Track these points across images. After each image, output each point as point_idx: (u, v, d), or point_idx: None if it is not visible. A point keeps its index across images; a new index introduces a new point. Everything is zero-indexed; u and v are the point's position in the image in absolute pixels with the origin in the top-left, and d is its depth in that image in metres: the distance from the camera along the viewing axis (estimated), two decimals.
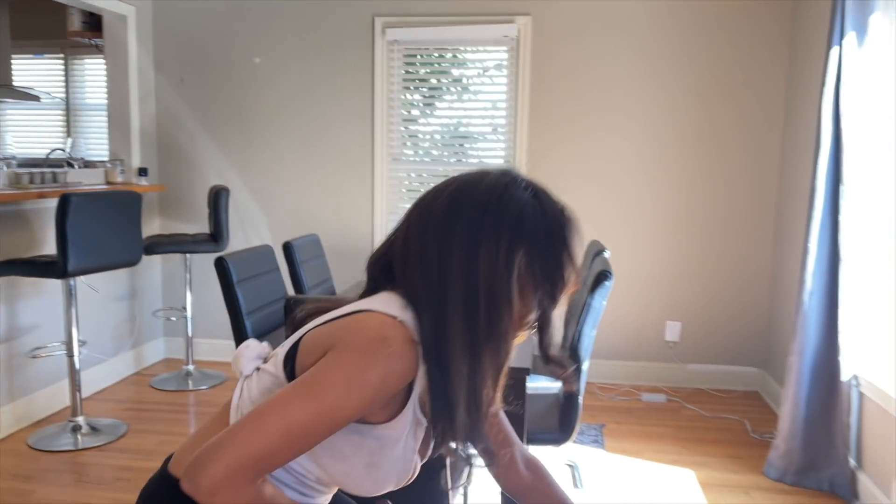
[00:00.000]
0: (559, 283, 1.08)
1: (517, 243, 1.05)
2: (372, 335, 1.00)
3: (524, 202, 1.07)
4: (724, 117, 4.06)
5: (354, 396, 0.97)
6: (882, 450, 2.65)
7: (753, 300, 4.15)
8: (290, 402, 0.97)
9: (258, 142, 4.45)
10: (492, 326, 1.04)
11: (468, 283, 1.03)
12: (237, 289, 2.31)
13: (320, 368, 0.99)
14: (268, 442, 0.95)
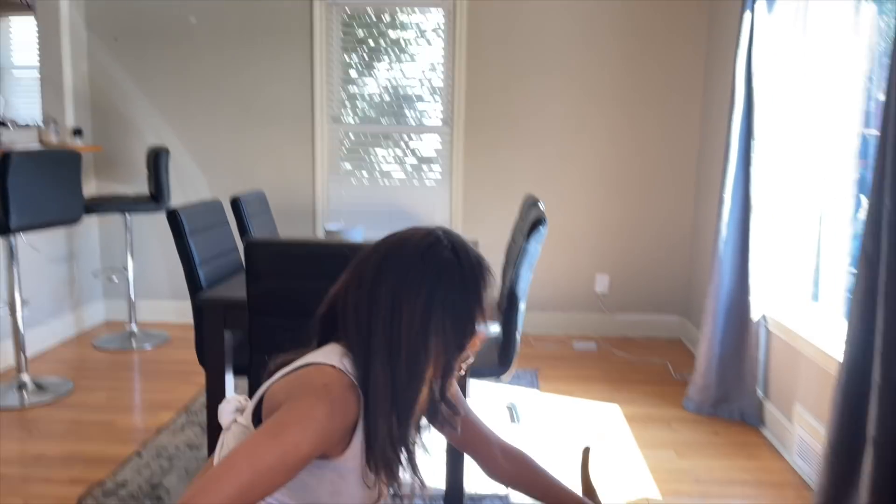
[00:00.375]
0: (469, 334, 1.25)
1: (434, 299, 1.21)
2: (316, 385, 1.17)
3: (444, 260, 1.23)
4: (648, 78, 4.29)
5: (308, 435, 1.12)
6: (785, 380, 2.95)
7: (676, 253, 4.44)
8: (255, 446, 1.10)
9: (196, 102, 4.45)
10: (410, 372, 1.21)
11: (392, 335, 1.20)
12: (189, 240, 2.39)
13: (277, 416, 1.14)
14: (240, 483, 1.07)
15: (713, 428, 3.15)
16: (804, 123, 3.03)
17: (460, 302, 1.23)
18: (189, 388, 3.51)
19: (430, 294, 1.21)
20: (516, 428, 3.09)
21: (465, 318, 1.24)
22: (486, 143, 4.41)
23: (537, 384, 3.64)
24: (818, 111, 2.97)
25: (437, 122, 4.45)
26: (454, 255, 1.24)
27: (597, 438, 3.01)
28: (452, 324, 1.22)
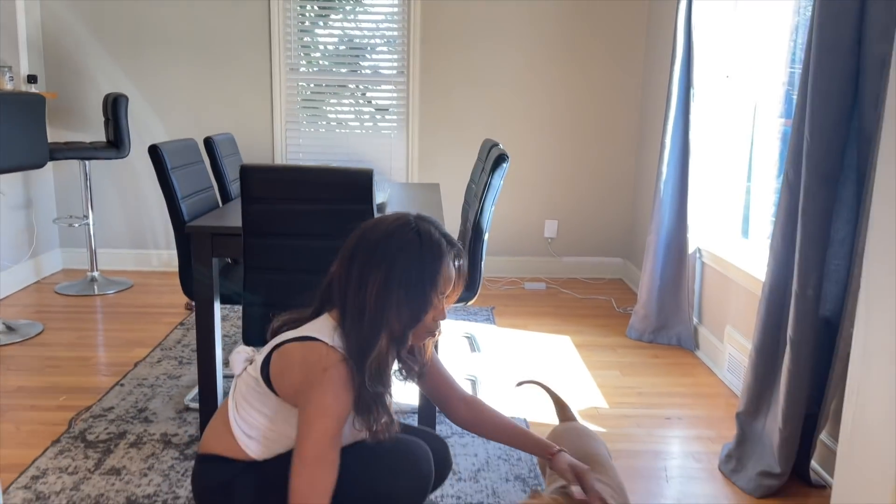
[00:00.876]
0: (424, 306, 1.46)
1: (393, 274, 1.42)
2: (318, 373, 1.42)
3: (406, 241, 1.44)
4: (594, 32, 4.51)
5: (331, 418, 1.42)
6: (717, 306, 3.27)
7: (619, 200, 4.73)
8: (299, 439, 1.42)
9: (152, 50, 4.46)
10: (371, 334, 1.43)
11: (358, 303, 1.43)
12: (171, 175, 2.51)
13: (304, 415, 1.43)
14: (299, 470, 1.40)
15: (653, 352, 3.46)
16: (738, 74, 3.30)
17: (416, 279, 1.44)
18: (159, 327, 3.63)
19: (389, 269, 1.43)
20: (476, 357, 3.34)
21: (420, 293, 1.45)
22: (440, 92, 4.57)
23: (493, 320, 3.89)
24: (750, 62, 3.25)
25: (393, 72, 4.59)
26: (416, 237, 1.45)
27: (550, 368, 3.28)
28: (406, 296, 1.43)
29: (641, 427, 2.68)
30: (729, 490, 2.27)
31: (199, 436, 2.48)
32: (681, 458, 2.45)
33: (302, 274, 2.02)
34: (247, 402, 1.54)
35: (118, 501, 2.09)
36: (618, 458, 2.42)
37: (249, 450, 1.54)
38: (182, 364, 3.14)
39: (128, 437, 2.47)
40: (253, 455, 1.54)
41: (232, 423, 1.55)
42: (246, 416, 1.54)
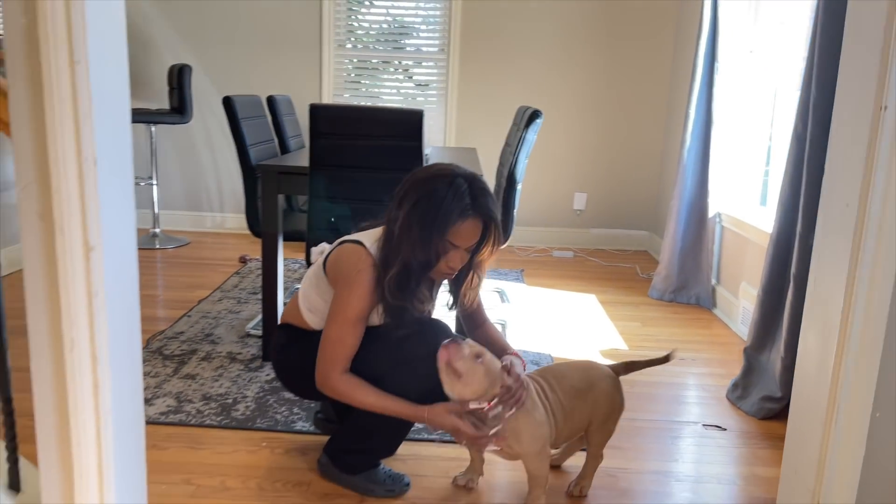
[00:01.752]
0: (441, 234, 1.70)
1: (418, 204, 1.70)
2: (358, 269, 1.74)
3: (441, 185, 1.70)
4: (625, 13, 4.75)
5: (360, 301, 1.75)
6: (734, 266, 3.50)
7: (646, 174, 4.97)
8: (333, 322, 1.76)
9: (211, 26, 4.81)
10: (396, 251, 1.72)
11: (390, 229, 1.74)
12: (241, 123, 2.83)
13: (336, 303, 1.77)
14: (330, 348, 1.76)
15: (673, 309, 3.71)
16: (761, 49, 3.53)
17: (429, 224, 1.69)
18: (217, 275, 3.97)
19: (414, 208, 1.71)
20: (506, 306, 3.61)
21: (427, 237, 1.69)
22: (478, 70, 4.85)
23: (523, 280, 4.16)
24: (773, 39, 3.47)
25: (434, 50, 4.88)
26: (447, 188, 1.70)
27: None
28: (419, 236, 1.69)
29: None
30: (734, 412, 2.52)
31: (260, 355, 2.80)
32: (693, 389, 2.70)
33: (359, 202, 2.32)
34: (312, 286, 1.89)
35: (195, 397, 2.41)
36: (635, 387, 2.68)
37: (310, 320, 1.90)
38: (240, 303, 3.46)
39: (198, 353, 2.80)
40: (312, 325, 1.90)
41: (300, 300, 1.92)
42: (309, 295, 1.90)
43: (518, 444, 1.76)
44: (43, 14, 1.13)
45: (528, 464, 1.81)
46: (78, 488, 1.29)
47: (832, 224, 1.25)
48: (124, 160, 1.29)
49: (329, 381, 1.77)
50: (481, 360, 1.71)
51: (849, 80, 1.20)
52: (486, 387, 1.71)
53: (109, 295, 1.26)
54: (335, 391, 1.78)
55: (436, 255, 1.74)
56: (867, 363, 1.20)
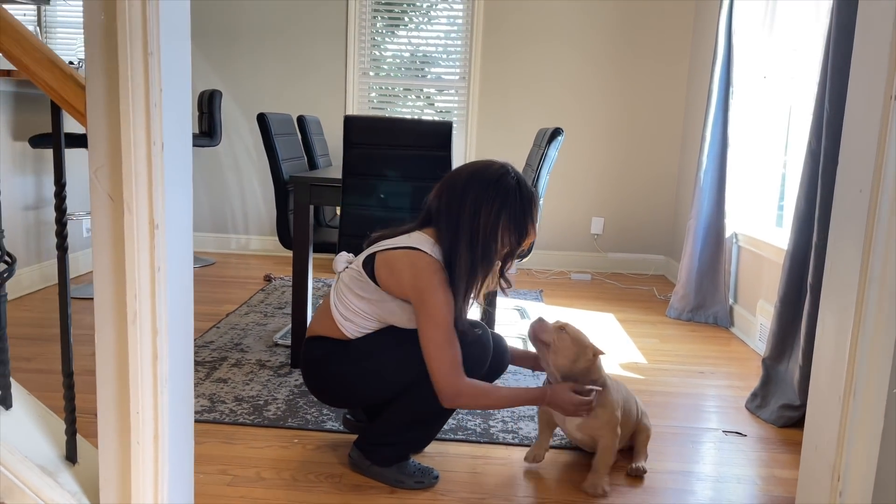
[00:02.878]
0: (524, 235, 1.89)
1: (503, 209, 1.83)
2: (432, 276, 1.82)
3: (511, 185, 1.86)
4: (641, 40, 4.89)
5: (447, 310, 1.83)
6: (751, 285, 3.56)
7: (663, 199, 5.06)
8: (429, 332, 1.82)
9: (240, 53, 4.99)
10: (485, 254, 1.85)
11: (472, 229, 1.83)
12: (275, 139, 2.95)
13: (426, 308, 1.82)
14: (439, 356, 1.82)
15: (691, 328, 3.76)
16: (774, 75, 3.64)
17: (520, 215, 1.88)
18: (243, 292, 4.07)
19: (501, 206, 1.86)
20: (526, 321, 3.68)
21: (522, 225, 1.88)
22: (497, 94, 4.99)
23: (542, 300, 4.23)
24: (787, 64, 3.58)
25: (455, 78, 5.03)
26: (517, 185, 1.88)
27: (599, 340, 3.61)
28: (514, 227, 1.88)
29: (677, 377, 2.98)
30: (754, 420, 2.56)
31: (289, 363, 2.88)
32: (712, 399, 2.75)
33: (390, 210, 2.42)
34: (349, 290, 1.93)
35: (228, 398, 2.49)
36: (655, 396, 2.73)
37: (345, 329, 1.93)
38: (267, 316, 3.56)
39: (229, 360, 2.88)
40: (347, 333, 1.93)
41: (333, 309, 1.95)
42: (346, 301, 1.93)
43: (603, 413, 1.98)
44: (121, 10, 1.25)
45: (604, 439, 1.99)
46: (135, 453, 1.37)
47: (847, 209, 1.33)
48: (186, 146, 1.39)
49: (459, 388, 1.83)
50: (565, 330, 1.98)
51: (861, 72, 1.29)
52: (577, 352, 1.97)
53: (170, 271, 1.35)
54: (467, 396, 1.85)
55: (524, 238, 1.90)
56: (883, 340, 1.27)
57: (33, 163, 3.82)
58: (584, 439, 2.08)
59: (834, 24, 2.44)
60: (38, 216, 3.87)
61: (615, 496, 1.99)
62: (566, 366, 1.97)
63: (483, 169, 1.89)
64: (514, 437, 2.30)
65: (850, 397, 1.30)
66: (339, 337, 1.94)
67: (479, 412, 2.49)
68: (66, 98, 1.33)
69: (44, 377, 2.63)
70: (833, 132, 2.41)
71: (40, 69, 1.33)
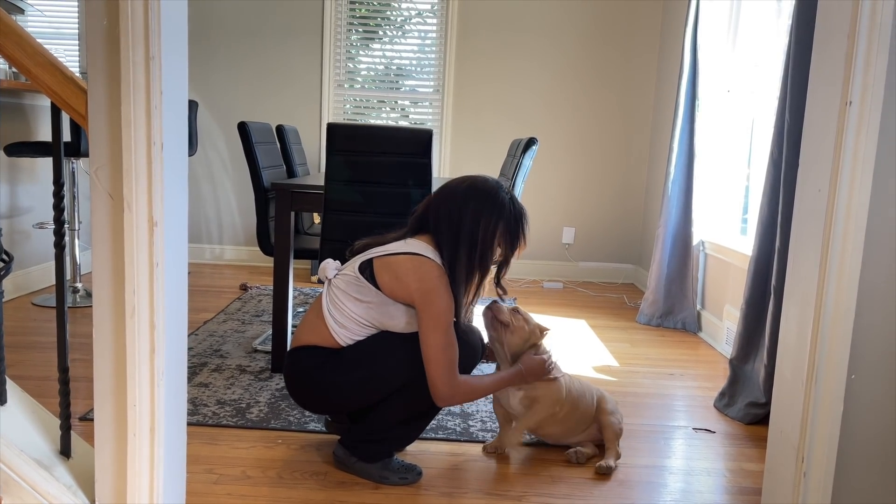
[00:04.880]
0: (517, 245, 2.04)
1: (500, 220, 1.97)
2: (436, 280, 1.91)
3: (506, 199, 2.01)
4: (610, 53, 5.04)
5: (448, 312, 1.93)
6: (717, 291, 3.69)
7: (631, 209, 5.19)
8: (434, 334, 1.91)
9: (216, 64, 5.02)
10: (482, 261, 1.98)
11: (473, 237, 1.95)
12: (255, 147, 3.00)
13: (432, 312, 1.91)
14: (441, 357, 1.91)
15: (660, 333, 3.87)
16: (738, 89, 3.79)
17: (514, 226, 2.02)
18: (220, 300, 4.08)
19: (499, 217, 1.99)
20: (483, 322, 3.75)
21: (516, 236, 2.03)
22: (471, 109, 5.09)
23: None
24: (749, 79, 3.73)
25: (429, 90, 5.12)
26: (511, 200, 2.03)
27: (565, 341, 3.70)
28: (509, 237, 2.02)
29: (648, 379, 3.08)
30: (722, 418, 2.66)
31: (269, 368, 2.91)
32: (681, 399, 2.85)
33: (371, 215, 2.48)
34: (346, 295, 1.96)
35: (210, 402, 2.52)
36: (627, 397, 2.82)
37: (338, 336, 1.96)
38: (245, 323, 3.58)
39: (209, 366, 2.90)
40: (339, 341, 1.96)
41: (326, 315, 1.97)
42: (342, 307, 1.96)
43: (542, 385, 2.16)
44: (124, 15, 1.30)
45: (538, 405, 2.15)
46: (131, 445, 1.41)
47: (807, 208, 1.43)
48: (182, 146, 1.45)
49: (455, 389, 1.94)
50: (518, 312, 2.16)
51: (818, 79, 1.39)
52: (529, 333, 2.14)
53: (168, 267, 1.40)
54: (461, 394, 1.98)
55: (517, 248, 2.04)
56: (841, 328, 1.36)
57: (7, 172, 3.81)
58: (525, 414, 2.19)
59: (793, 40, 2.58)
60: (12, 225, 3.85)
61: (592, 489, 2.07)
62: (518, 345, 2.15)
63: (481, 183, 2.03)
64: (492, 436, 2.36)
65: (812, 383, 1.39)
66: (330, 345, 1.96)
67: (458, 411, 2.55)
68: (68, 100, 1.38)
69: (23, 383, 2.62)
70: (793, 141, 2.53)
71: (42, 72, 1.37)
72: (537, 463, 2.21)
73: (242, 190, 5.11)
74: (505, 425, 2.25)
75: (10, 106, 3.82)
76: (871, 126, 1.29)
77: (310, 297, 4.28)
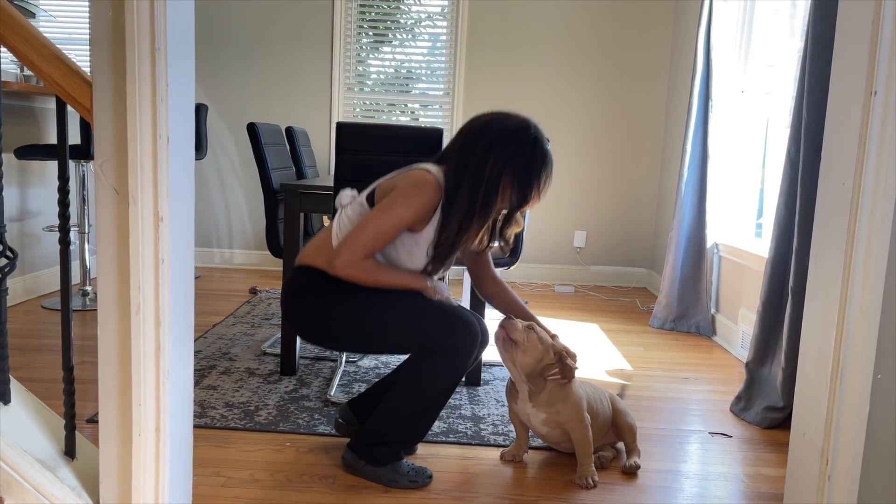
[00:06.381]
0: (527, 195, 1.86)
1: (511, 161, 1.82)
2: (416, 178, 1.83)
3: (526, 140, 1.85)
4: (622, 55, 5.00)
5: (408, 211, 1.81)
6: (732, 294, 3.63)
7: (644, 213, 5.14)
8: (376, 217, 1.82)
9: (227, 69, 5.02)
10: (484, 203, 1.83)
11: (478, 172, 1.83)
12: (264, 148, 2.98)
13: (391, 197, 1.83)
14: (367, 238, 1.82)
15: (674, 337, 3.82)
16: (752, 90, 3.74)
17: (526, 172, 1.84)
18: (229, 304, 4.06)
19: (510, 157, 1.84)
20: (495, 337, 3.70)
21: (527, 184, 1.85)
22: (482, 111, 5.04)
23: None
24: (763, 80, 3.68)
25: (439, 94, 5.09)
26: (533, 142, 1.86)
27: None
28: (517, 183, 1.85)
29: (662, 383, 3.03)
30: (738, 423, 2.61)
31: (278, 370, 2.88)
32: (696, 404, 2.79)
33: None
34: (350, 221, 1.93)
35: (218, 404, 2.49)
36: (641, 401, 2.77)
37: None
38: (254, 326, 3.55)
39: (218, 368, 2.88)
40: None
41: (333, 238, 1.94)
42: (345, 232, 1.92)
43: (565, 409, 2.01)
44: (130, 7, 1.28)
45: (575, 431, 2.03)
46: (136, 445, 1.38)
47: (830, 201, 1.38)
48: (188, 140, 1.42)
49: (353, 265, 1.81)
50: (533, 330, 2.00)
51: (842, 69, 1.35)
52: (543, 352, 1.98)
53: (173, 263, 1.37)
54: (354, 275, 1.83)
55: (526, 201, 1.86)
56: (867, 325, 1.32)
57: (18, 175, 3.80)
58: (553, 435, 2.11)
59: (811, 36, 2.53)
60: (22, 228, 3.85)
61: (607, 493, 2.02)
62: (531, 365, 2.00)
63: (504, 119, 1.90)
64: (504, 440, 2.32)
65: (837, 383, 1.34)
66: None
67: (469, 415, 2.51)
68: (73, 94, 1.35)
69: (31, 386, 2.60)
70: (811, 139, 2.48)
71: (47, 65, 1.35)
72: (551, 468, 2.17)
73: (252, 194, 5.09)
74: (521, 433, 2.19)
75: (20, 109, 3.82)
76: None
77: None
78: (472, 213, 1.84)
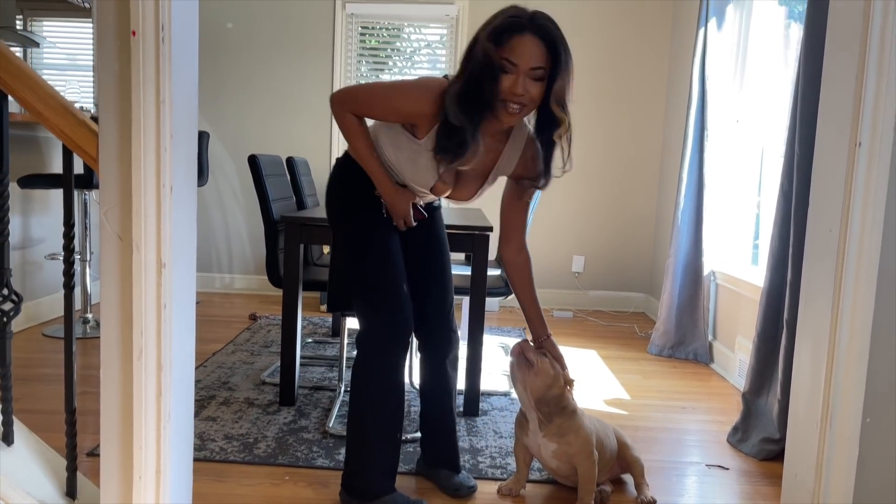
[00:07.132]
0: (507, 47, 1.77)
1: (489, 25, 1.79)
2: (427, 77, 1.89)
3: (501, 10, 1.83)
4: (619, 83, 5.05)
5: (408, 99, 1.87)
6: (729, 322, 3.65)
7: (641, 239, 5.17)
8: (378, 86, 1.97)
9: (228, 96, 5.08)
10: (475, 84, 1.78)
11: (467, 55, 1.82)
12: (265, 180, 3.01)
13: (395, 83, 1.93)
14: (361, 89, 1.93)
15: (672, 364, 3.83)
16: (746, 119, 3.79)
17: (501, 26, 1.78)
18: (229, 331, 4.08)
19: (489, 23, 1.82)
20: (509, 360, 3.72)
21: (501, 36, 1.76)
22: None
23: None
24: (757, 109, 3.73)
25: None
26: (509, 7, 1.82)
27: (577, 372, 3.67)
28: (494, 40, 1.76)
29: (660, 412, 3.04)
30: (735, 454, 2.62)
31: (277, 401, 2.90)
32: (694, 434, 2.81)
33: None
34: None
35: (218, 436, 2.51)
36: (639, 431, 2.79)
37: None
38: (254, 354, 3.57)
39: (217, 399, 2.89)
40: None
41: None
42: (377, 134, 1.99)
43: (577, 440, 2.03)
44: (136, 60, 1.32)
45: (581, 466, 2.05)
46: (137, 488, 1.40)
47: (818, 248, 1.41)
48: (191, 188, 1.45)
49: (343, 108, 1.89)
50: (546, 356, 2.06)
51: (827, 120, 1.39)
52: (554, 377, 2.02)
53: (175, 308, 1.40)
54: (337, 118, 1.92)
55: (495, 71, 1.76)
56: (855, 371, 1.34)
57: (21, 203, 3.84)
58: (561, 468, 2.12)
59: (801, 73, 2.58)
60: (24, 256, 3.88)
61: None
62: (541, 390, 2.03)
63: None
64: (501, 473, 2.34)
65: (827, 426, 1.37)
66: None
67: (468, 447, 2.52)
68: (79, 143, 1.39)
69: (31, 417, 2.62)
70: (803, 174, 2.52)
71: (54, 115, 1.38)
72: (549, 502, 2.18)
73: (252, 219, 5.13)
74: (522, 467, 2.20)
75: (24, 139, 3.86)
76: (882, 167, 1.28)
77: (318, 327, 4.27)
78: (466, 101, 1.78)
